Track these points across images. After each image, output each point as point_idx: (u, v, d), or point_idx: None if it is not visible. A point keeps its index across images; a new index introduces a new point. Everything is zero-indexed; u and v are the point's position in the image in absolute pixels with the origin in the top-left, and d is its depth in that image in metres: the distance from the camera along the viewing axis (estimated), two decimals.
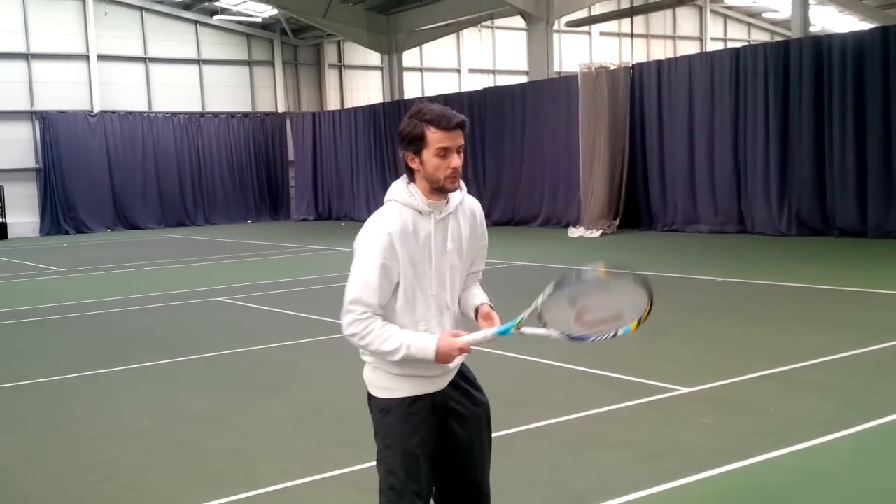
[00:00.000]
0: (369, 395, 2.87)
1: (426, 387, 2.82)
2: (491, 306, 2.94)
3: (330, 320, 9.45)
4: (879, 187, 15.10)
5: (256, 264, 16.13)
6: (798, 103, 16.22)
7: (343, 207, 27.85)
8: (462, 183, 2.79)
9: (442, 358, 2.73)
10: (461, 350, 2.75)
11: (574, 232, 18.63)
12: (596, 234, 18.14)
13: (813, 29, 23.31)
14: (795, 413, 5.44)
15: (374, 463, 4.82)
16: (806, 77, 16.10)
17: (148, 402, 6.53)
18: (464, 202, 2.84)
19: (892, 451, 4.74)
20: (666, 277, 11.89)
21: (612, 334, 2.69)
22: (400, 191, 2.76)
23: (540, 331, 2.76)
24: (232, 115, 30.02)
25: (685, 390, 5.99)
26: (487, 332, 2.82)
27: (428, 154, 2.67)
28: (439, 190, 2.73)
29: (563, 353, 7.41)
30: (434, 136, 2.65)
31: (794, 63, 16.30)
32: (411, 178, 2.76)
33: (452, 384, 2.89)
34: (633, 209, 19.07)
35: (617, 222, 18.71)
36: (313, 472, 4.77)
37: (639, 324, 2.69)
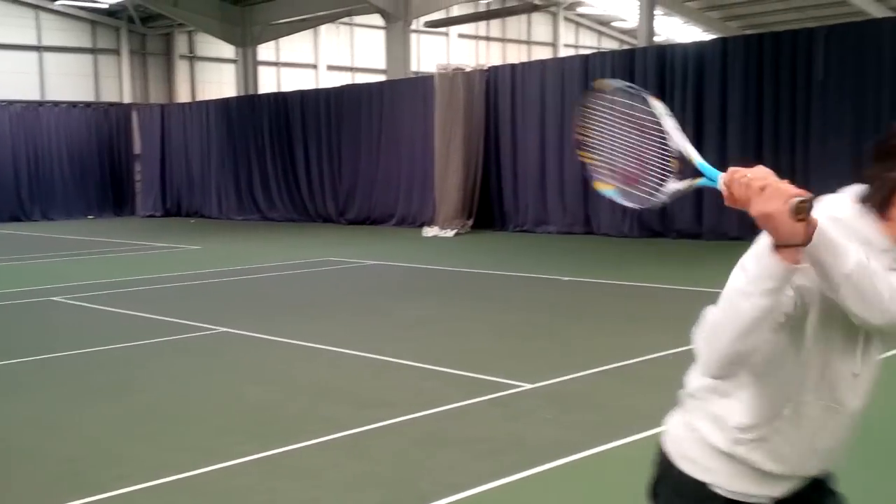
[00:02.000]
0: (666, 463, 1.97)
1: (762, 486, 1.86)
2: None
3: (174, 320, 9.14)
4: (714, 191, 15.96)
5: (97, 262, 15.38)
6: None
7: (193, 204, 26.94)
8: None
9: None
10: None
11: (428, 231, 18.80)
12: (450, 233, 18.37)
13: (658, 39, 24.50)
14: (631, 406, 5.69)
15: (215, 466, 4.77)
16: (650, 84, 16.86)
17: None
18: None
19: None
20: (515, 277, 12.19)
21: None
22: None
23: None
24: (73, 104, 28.45)
25: (529, 386, 6.17)
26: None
27: None
28: None
29: (412, 351, 7.47)
30: None
31: (639, 70, 17.06)
32: (877, 211, 1.80)
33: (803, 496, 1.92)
34: (487, 210, 19.44)
35: (471, 222, 19.01)
36: (151, 477, 4.59)
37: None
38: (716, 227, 15.92)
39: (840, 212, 1.79)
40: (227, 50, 30.01)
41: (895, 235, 1.78)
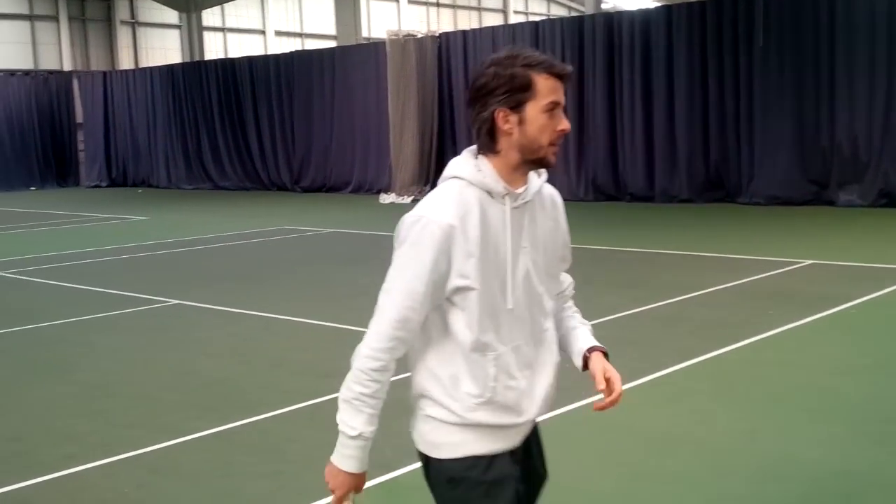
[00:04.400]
0: (425, 460, 2.16)
1: (504, 440, 2.11)
2: (606, 353, 2.26)
3: (124, 293, 8.91)
4: (664, 155, 16.15)
5: (42, 235, 14.95)
6: (592, 77, 16.98)
7: (140, 173, 26.33)
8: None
9: (329, 474, 2.22)
10: (334, 493, 2.14)
11: (385, 198, 18.64)
12: (407, 200, 18.23)
13: (605, 6, 24.47)
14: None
15: (169, 442, 4.64)
16: (599, 51, 16.89)
17: None
18: (542, 190, 2.15)
19: (674, 399, 5.06)
20: None
21: None
22: (465, 165, 2.03)
23: None
24: (11, 73, 27.51)
25: None
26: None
27: (534, 109, 1.95)
28: (536, 163, 2.03)
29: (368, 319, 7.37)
30: (545, 85, 1.95)
31: (588, 38, 17.04)
32: (488, 149, 2.02)
33: (527, 441, 2.22)
34: None
35: (428, 188, 18.87)
36: (103, 455, 4.45)
37: None
38: (667, 190, 16.08)
39: (461, 170, 2.02)
40: (171, 15, 29.26)
41: (509, 166, 2.01)
